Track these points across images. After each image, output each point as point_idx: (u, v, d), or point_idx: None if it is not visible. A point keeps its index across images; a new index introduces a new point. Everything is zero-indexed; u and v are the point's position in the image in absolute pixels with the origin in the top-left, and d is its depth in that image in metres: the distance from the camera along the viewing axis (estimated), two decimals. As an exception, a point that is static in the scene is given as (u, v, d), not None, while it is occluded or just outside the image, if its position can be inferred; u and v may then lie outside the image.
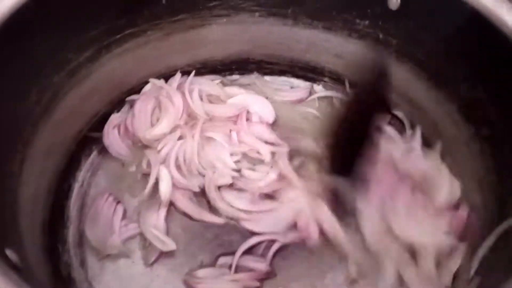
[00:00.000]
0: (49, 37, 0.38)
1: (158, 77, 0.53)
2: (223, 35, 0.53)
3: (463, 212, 0.41)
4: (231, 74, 0.57)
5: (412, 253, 0.41)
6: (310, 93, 0.56)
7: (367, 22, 0.49)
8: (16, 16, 0.33)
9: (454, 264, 0.38)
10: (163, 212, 0.45)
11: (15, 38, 0.34)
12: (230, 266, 0.42)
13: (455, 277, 0.38)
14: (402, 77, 0.49)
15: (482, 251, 0.34)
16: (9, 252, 0.27)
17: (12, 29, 0.33)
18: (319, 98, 0.55)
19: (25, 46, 0.35)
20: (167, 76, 0.54)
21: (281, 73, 0.57)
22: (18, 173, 0.35)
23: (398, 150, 0.47)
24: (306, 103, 0.55)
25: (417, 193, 0.43)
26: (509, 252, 0.25)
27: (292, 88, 0.56)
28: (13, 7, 0.33)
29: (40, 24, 0.36)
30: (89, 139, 0.48)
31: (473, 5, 0.38)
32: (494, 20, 0.37)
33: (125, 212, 0.45)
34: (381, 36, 0.49)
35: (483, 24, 0.38)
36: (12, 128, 0.35)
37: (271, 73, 0.57)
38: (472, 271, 0.34)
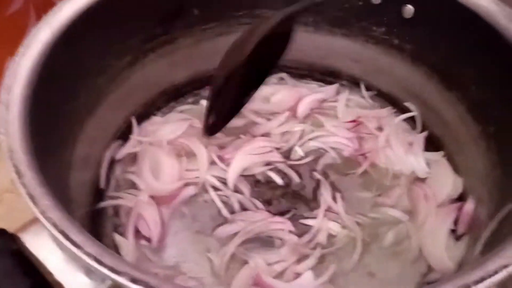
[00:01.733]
0: (96, 45, 0.42)
1: (188, 81, 0.58)
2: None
3: (470, 205, 0.44)
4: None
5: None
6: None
7: (383, 29, 0.52)
8: (71, 27, 0.38)
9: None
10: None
11: (69, 47, 0.39)
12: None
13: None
14: (417, 80, 0.52)
15: (484, 236, 0.37)
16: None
17: (67, 38, 0.38)
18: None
19: (77, 53, 0.40)
20: (196, 80, 0.58)
21: (301, 77, 0.61)
22: (68, 160, 0.40)
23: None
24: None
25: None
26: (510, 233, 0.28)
27: (320, 87, 0.60)
28: (68, 19, 0.38)
29: (90, 34, 0.41)
30: (125, 137, 0.53)
31: (482, 15, 0.41)
32: (500, 28, 0.40)
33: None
34: (396, 42, 0.52)
35: (490, 32, 0.41)
36: (65, 124, 0.40)
37: (292, 77, 0.61)
38: (476, 253, 0.37)
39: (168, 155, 0.51)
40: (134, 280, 0.22)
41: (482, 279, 0.23)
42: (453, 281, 0.23)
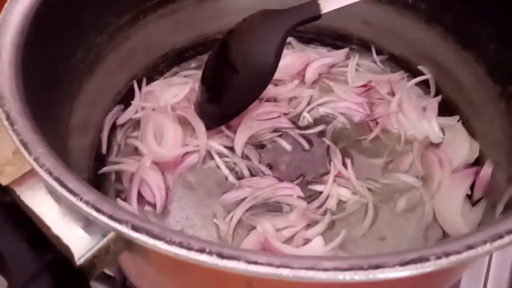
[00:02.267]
0: (93, 1, 0.40)
1: (190, 44, 0.56)
2: (253, 2, 0.54)
3: (487, 169, 0.42)
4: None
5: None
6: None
7: (396, -14, 0.49)
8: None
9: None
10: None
11: (65, 2, 0.36)
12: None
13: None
14: (431, 42, 0.50)
15: (505, 200, 0.35)
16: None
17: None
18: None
19: (73, 5, 0.38)
20: (199, 44, 0.56)
21: (310, 40, 0.58)
22: (66, 122, 0.38)
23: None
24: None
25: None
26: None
27: (329, 52, 0.57)
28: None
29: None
30: (126, 101, 0.50)
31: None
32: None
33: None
34: (410, 1, 0.49)
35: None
36: (62, 81, 0.38)
37: (300, 41, 0.58)
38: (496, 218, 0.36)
39: (171, 121, 0.49)
40: (136, 228, 0.20)
41: (499, 236, 0.21)
42: (485, 231, 0.21)
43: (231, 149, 0.48)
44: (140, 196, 0.44)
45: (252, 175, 0.47)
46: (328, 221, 0.43)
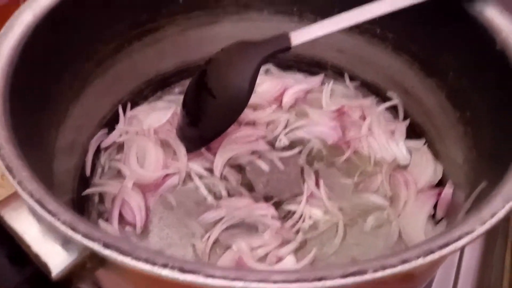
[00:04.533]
0: (80, 30, 0.43)
1: (174, 70, 0.59)
2: (234, 32, 0.57)
3: (448, 190, 0.45)
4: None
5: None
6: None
7: (365, 18, 0.53)
8: (54, 10, 0.38)
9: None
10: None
11: (52, 29, 0.39)
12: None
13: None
14: (398, 68, 0.53)
15: (460, 216, 0.38)
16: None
17: (50, 21, 0.38)
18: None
19: (60, 36, 0.41)
20: (183, 70, 0.59)
21: (288, 67, 0.62)
22: (52, 146, 0.40)
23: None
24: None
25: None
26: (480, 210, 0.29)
27: (305, 78, 0.61)
28: (53, 3, 0.38)
29: (74, 18, 0.41)
30: (111, 124, 0.53)
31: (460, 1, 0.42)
32: (475, 13, 0.41)
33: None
34: (378, 31, 0.53)
35: (464, 19, 0.42)
36: (49, 107, 0.40)
37: (278, 68, 0.62)
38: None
39: (154, 144, 0.51)
40: (107, 245, 0.23)
41: (446, 244, 0.23)
42: (420, 247, 0.24)
43: (211, 171, 0.51)
44: (121, 217, 0.46)
45: (230, 195, 0.49)
46: (300, 240, 0.45)
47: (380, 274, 0.22)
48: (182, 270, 0.22)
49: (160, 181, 0.49)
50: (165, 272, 0.22)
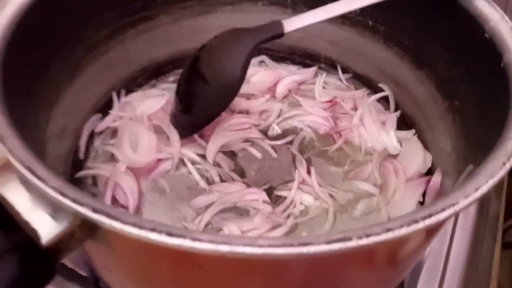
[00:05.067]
0: (73, 14, 0.43)
1: (168, 59, 0.59)
2: (228, 22, 0.58)
3: (437, 178, 0.46)
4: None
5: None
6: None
7: (358, 10, 0.54)
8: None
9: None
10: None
11: (45, 13, 0.39)
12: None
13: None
14: (389, 60, 0.54)
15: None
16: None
17: (44, 5, 0.39)
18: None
19: (53, 19, 0.41)
20: (176, 59, 0.59)
21: (281, 59, 0.62)
22: (44, 129, 0.41)
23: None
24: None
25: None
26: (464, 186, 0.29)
27: (299, 70, 0.61)
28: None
29: (69, 1, 0.42)
30: (104, 110, 0.53)
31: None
32: (464, 3, 0.42)
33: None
34: (370, 23, 0.54)
35: (456, 7, 0.42)
36: (41, 89, 0.40)
37: (273, 59, 0.62)
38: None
39: (147, 130, 0.51)
40: (96, 210, 0.23)
41: (430, 215, 0.24)
42: (404, 218, 0.24)
43: (204, 157, 0.51)
44: (114, 200, 0.47)
45: (222, 181, 0.50)
46: (291, 224, 0.46)
47: (364, 241, 0.22)
48: (170, 234, 0.22)
49: (153, 165, 0.50)
50: (153, 236, 0.22)
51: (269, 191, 0.49)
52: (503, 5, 0.80)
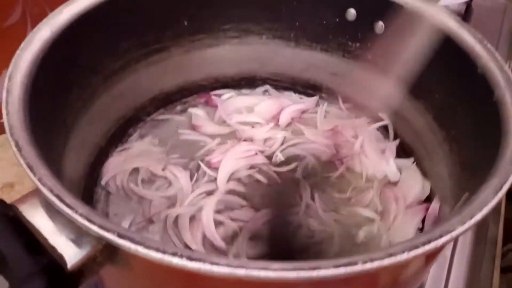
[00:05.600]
0: (91, 47, 0.46)
1: (177, 89, 0.62)
2: (235, 54, 0.61)
3: (435, 204, 0.47)
4: (240, 89, 0.65)
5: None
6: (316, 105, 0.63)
7: (358, 44, 0.57)
8: (69, 28, 0.42)
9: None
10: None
11: (67, 45, 0.42)
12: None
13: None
14: (388, 92, 0.56)
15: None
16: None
17: (65, 38, 0.42)
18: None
19: (73, 52, 0.44)
20: (185, 89, 0.62)
21: (284, 89, 0.65)
22: (61, 151, 0.43)
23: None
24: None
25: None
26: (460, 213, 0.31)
27: (301, 99, 0.64)
28: (67, 21, 0.42)
29: (86, 36, 0.44)
30: (116, 137, 0.55)
31: (444, 30, 0.46)
32: (458, 41, 0.45)
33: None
34: (369, 56, 0.57)
35: (450, 45, 0.45)
36: (59, 115, 0.43)
37: (276, 89, 0.65)
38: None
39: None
40: (121, 235, 0.25)
41: (429, 241, 0.26)
42: (405, 243, 0.26)
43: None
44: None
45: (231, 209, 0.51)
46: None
47: (368, 265, 0.24)
48: (190, 258, 0.24)
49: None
50: (175, 260, 0.24)
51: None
52: (496, 36, 0.85)
